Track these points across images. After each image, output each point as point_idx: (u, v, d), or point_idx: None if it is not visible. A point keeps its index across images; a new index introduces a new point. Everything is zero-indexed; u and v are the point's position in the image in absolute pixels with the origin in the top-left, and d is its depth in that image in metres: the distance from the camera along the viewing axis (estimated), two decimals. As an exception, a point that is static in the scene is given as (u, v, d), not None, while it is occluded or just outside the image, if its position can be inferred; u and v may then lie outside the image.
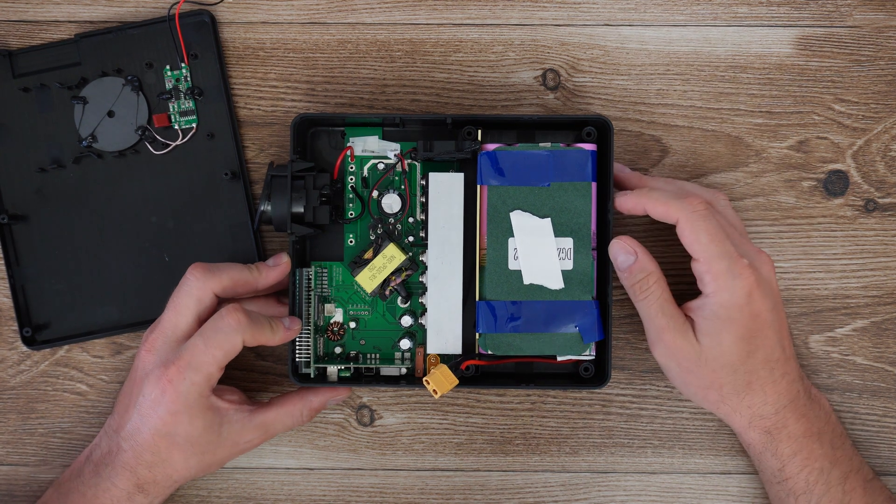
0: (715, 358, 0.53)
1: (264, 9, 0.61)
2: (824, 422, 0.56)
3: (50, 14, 0.61)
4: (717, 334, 0.53)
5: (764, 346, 0.53)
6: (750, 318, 0.53)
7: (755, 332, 0.53)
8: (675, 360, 0.54)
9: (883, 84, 0.61)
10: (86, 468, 0.54)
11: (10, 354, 0.61)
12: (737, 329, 0.52)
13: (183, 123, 0.60)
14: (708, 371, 0.53)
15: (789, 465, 0.55)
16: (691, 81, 0.61)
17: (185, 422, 0.52)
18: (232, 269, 0.55)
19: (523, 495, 0.61)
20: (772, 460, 0.55)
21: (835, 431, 0.56)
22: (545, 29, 0.61)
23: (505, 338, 0.54)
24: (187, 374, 0.52)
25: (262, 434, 0.56)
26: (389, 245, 0.57)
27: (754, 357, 0.53)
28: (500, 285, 0.54)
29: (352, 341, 0.59)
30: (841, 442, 0.56)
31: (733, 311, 0.52)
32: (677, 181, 0.57)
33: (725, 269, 0.52)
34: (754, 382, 0.54)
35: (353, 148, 0.58)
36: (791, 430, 0.54)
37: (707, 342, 0.53)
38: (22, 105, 0.60)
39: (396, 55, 0.61)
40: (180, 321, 0.54)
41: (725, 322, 0.52)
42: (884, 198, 0.61)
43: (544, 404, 0.61)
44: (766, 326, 0.53)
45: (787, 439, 0.55)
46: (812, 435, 0.55)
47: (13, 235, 0.60)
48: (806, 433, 0.55)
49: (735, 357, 0.53)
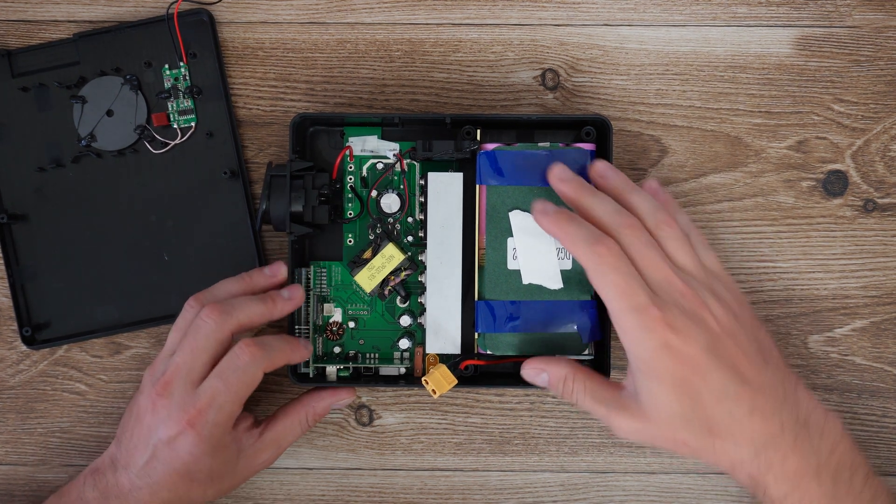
0: (661, 415, 0.49)
1: (263, 8, 0.61)
2: (827, 454, 0.50)
3: (49, 13, 0.61)
4: (648, 391, 0.49)
5: (708, 387, 0.48)
6: (677, 364, 0.48)
7: (688, 376, 0.48)
8: (636, 436, 0.50)
9: (882, 84, 0.61)
10: (87, 494, 0.54)
11: (10, 354, 0.61)
12: (664, 379, 0.48)
13: (182, 122, 0.60)
14: (665, 429, 0.49)
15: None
16: (690, 81, 0.61)
17: (205, 460, 0.52)
18: (247, 306, 0.54)
19: (522, 495, 0.61)
20: (765, 502, 0.51)
21: (841, 464, 0.50)
22: (544, 29, 0.61)
23: (504, 338, 0.54)
24: (209, 415, 0.52)
25: (276, 450, 0.56)
26: (388, 245, 0.57)
27: (701, 402, 0.48)
28: (499, 285, 0.54)
29: (351, 341, 0.59)
30: (849, 475, 0.50)
31: (652, 363, 0.48)
32: (631, 191, 0.53)
33: (634, 324, 0.48)
34: (715, 427, 0.49)
35: (352, 147, 0.58)
36: (778, 471, 0.49)
37: (645, 401, 0.49)
38: (21, 104, 0.60)
39: (396, 55, 0.61)
40: (196, 364, 0.53)
41: (649, 376, 0.49)
42: (883, 198, 0.61)
43: (543, 404, 0.61)
44: (702, 367, 0.48)
45: (775, 481, 0.49)
46: (807, 473, 0.49)
47: (13, 235, 0.60)
48: (798, 472, 0.49)
49: (679, 407, 0.49)
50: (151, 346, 0.61)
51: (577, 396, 0.52)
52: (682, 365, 0.48)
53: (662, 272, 0.49)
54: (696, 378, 0.48)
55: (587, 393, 0.52)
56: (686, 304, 0.49)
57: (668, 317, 0.48)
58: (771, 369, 0.50)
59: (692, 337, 0.48)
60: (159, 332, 0.61)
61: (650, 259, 0.50)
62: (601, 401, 0.51)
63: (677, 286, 0.49)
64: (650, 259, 0.50)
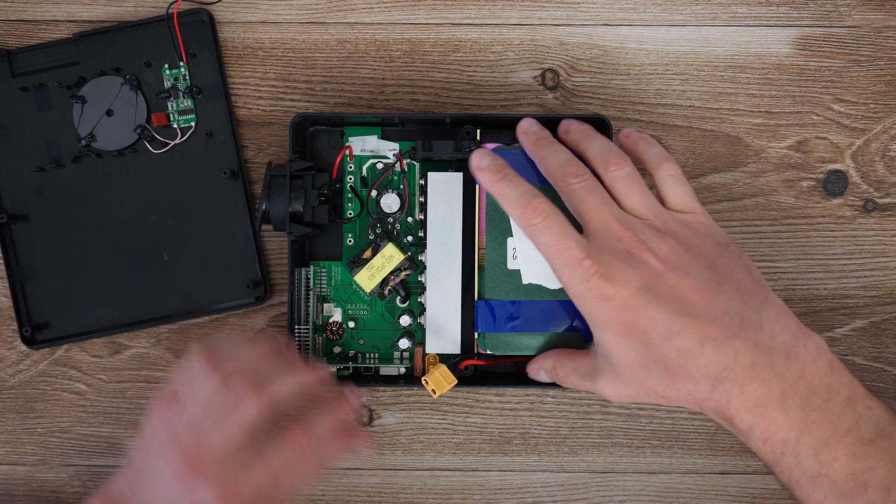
0: (624, 367, 0.48)
1: (263, 8, 0.61)
2: (794, 379, 0.46)
3: (48, 13, 0.61)
4: (606, 347, 0.48)
5: (653, 327, 0.46)
6: (618, 312, 0.47)
7: (631, 320, 0.47)
8: (621, 398, 0.49)
9: (882, 84, 0.61)
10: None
11: (10, 354, 0.61)
12: (612, 329, 0.47)
13: (182, 122, 0.60)
14: (634, 382, 0.48)
15: (752, 441, 0.47)
16: (690, 81, 0.61)
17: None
18: (287, 383, 0.50)
19: (522, 495, 0.61)
20: (740, 437, 0.48)
21: (813, 388, 0.46)
22: (544, 29, 0.61)
23: (504, 337, 0.54)
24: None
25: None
26: (388, 244, 0.57)
27: (651, 343, 0.46)
28: (499, 285, 0.54)
29: (351, 341, 0.59)
30: (824, 400, 0.46)
31: (597, 315, 0.47)
32: (587, 138, 0.52)
33: (572, 280, 0.47)
34: (670, 366, 0.46)
35: (351, 147, 0.58)
36: (739, 401, 0.46)
37: (612, 358, 0.48)
38: (21, 104, 0.60)
39: (395, 55, 0.61)
40: (231, 440, 0.48)
41: (600, 330, 0.48)
42: (883, 198, 0.61)
43: (543, 404, 0.61)
44: (641, 308, 0.46)
45: (738, 413, 0.46)
46: (770, 401, 0.46)
47: (12, 235, 0.60)
48: (760, 401, 0.46)
49: (634, 354, 0.47)
50: (151, 345, 0.61)
51: (569, 380, 0.52)
52: (623, 311, 0.46)
53: (600, 217, 0.48)
54: (639, 321, 0.46)
55: (574, 373, 0.51)
56: (623, 247, 0.47)
57: (602, 266, 0.47)
58: (725, 296, 0.47)
59: (626, 280, 0.46)
60: (159, 332, 0.61)
61: (590, 205, 0.49)
62: (585, 375, 0.51)
63: (614, 231, 0.48)
64: (590, 205, 0.49)
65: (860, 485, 0.45)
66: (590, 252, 0.47)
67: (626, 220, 0.48)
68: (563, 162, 0.50)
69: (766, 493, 0.61)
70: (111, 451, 0.61)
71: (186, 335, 0.61)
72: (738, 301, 0.47)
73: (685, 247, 0.48)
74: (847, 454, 0.45)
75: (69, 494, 0.61)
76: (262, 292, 0.60)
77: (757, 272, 0.49)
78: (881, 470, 0.45)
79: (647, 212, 0.50)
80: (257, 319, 0.61)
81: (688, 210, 0.51)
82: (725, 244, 0.50)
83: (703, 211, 0.51)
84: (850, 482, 0.45)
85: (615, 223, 0.48)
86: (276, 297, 0.61)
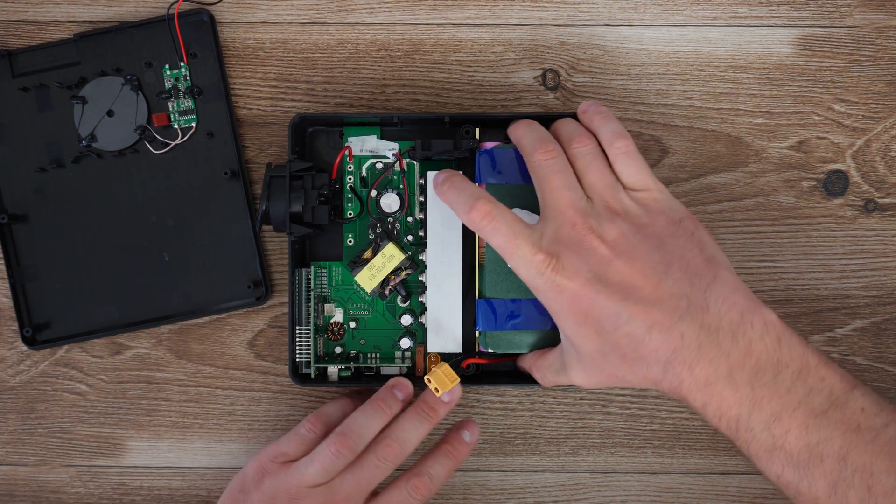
0: (585, 356, 0.49)
1: (264, 8, 0.61)
2: (741, 356, 0.46)
3: (49, 14, 0.61)
4: (567, 338, 0.49)
5: (604, 315, 0.47)
6: (572, 303, 0.48)
7: (584, 310, 0.47)
8: (591, 384, 0.50)
9: (883, 84, 0.61)
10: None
11: (10, 354, 0.61)
12: (569, 320, 0.48)
13: (182, 123, 0.60)
14: (597, 369, 0.49)
15: (709, 419, 0.47)
16: (691, 81, 0.61)
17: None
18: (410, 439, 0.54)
19: (523, 495, 0.61)
20: (698, 415, 0.49)
21: (761, 364, 0.46)
22: (545, 29, 0.61)
23: (505, 335, 0.54)
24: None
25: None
26: (388, 244, 0.57)
27: (605, 332, 0.47)
28: (500, 283, 0.54)
29: (352, 341, 0.59)
30: (773, 375, 0.46)
31: (554, 307, 0.48)
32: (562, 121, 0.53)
33: (528, 276, 0.49)
34: (625, 353, 0.47)
35: (351, 147, 0.58)
36: (690, 382, 0.46)
37: (572, 347, 0.49)
38: (21, 105, 0.60)
39: (396, 55, 0.61)
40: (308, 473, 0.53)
41: (560, 322, 0.49)
42: (884, 198, 0.61)
43: (544, 404, 0.61)
44: (592, 298, 0.47)
45: (690, 393, 0.47)
46: (719, 380, 0.46)
47: (13, 235, 0.60)
48: (708, 380, 0.46)
49: (591, 343, 0.48)
50: (152, 346, 0.61)
51: (547, 378, 0.53)
52: (577, 301, 0.47)
53: (558, 201, 0.49)
54: (592, 310, 0.47)
55: (549, 371, 0.52)
56: (574, 235, 0.48)
57: (553, 258, 0.48)
58: (673, 279, 0.47)
59: (576, 271, 0.47)
60: (160, 332, 0.61)
61: (552, 186, 0.50)
62: (558, 370, 0.52)
63: (568, 217, 0.49)
64: (552, 186, 0.50)
65: (815, 456, 0.45)
66: (540, 246, 0.48)
67: (581, 206, 0.49)
68: (535, 138, 0.51)
69: (767, 493, 0.61)
70: (112, 452, 0.61)
71: (187, 335, 0.61)
72: (685, 283, 0.47)
73: (636, 227, 0.49)
74: (800, 426, 0.45)
75: (70, 495, 0.61)
76: (262, 292, 0.60)
77: (712, 247, 0.49)
78: (836, 440, 0.45)
79: (604, 190, 0.50)
80: (258, 320, 0.61)
81: (641, 187, 0.51)
82: (679, 220, 0.50)
83: (659, 186, 0.51)
84: (806, 454, 0.45)
85: (570, 209, 0.49)
86: (276, 297, 0.61)
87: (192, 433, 0.61)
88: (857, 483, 0.44)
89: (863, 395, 0.46)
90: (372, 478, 0.52)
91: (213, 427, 0.61)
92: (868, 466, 0.44)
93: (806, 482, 0.45)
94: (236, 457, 0.61)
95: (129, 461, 0.61)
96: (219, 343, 0.61)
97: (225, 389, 0.61)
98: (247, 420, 0.61)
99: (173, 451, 0.61)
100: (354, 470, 0.52)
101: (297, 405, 0.61)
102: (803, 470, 0.45)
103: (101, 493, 0.61)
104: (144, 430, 0.61)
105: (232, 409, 0.61)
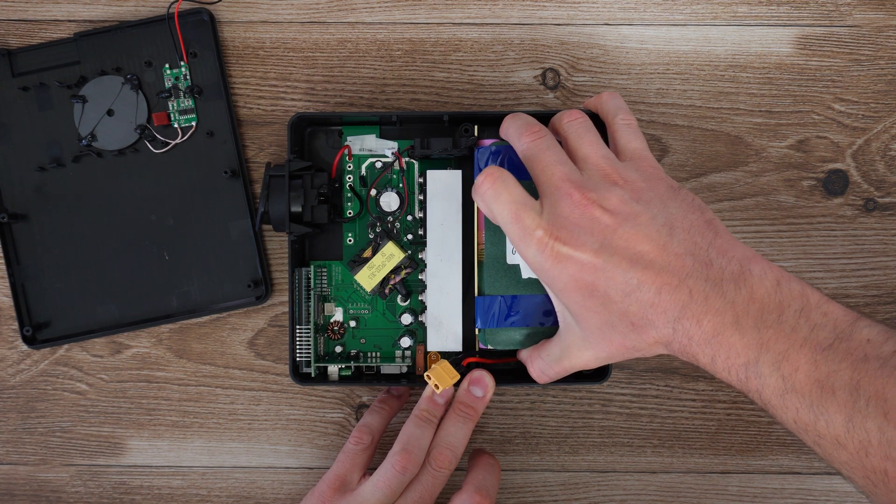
0: (591, 331, 0.48)
1: (264, 8, 0.61)
2: (745, 302, 0.46)
3: (49, 13, 0.61)
4: (571, 314, 0.49)
5: (613, 285, 0.47)
6: (576, 277, 0.47)
7: (591, 282, 0.47)
8: (596, 362, 0.50)
9: (883, 83, 0.61)
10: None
11: (10, 353, 0.61)
12: (573, 295, 0.48)
13: (182, 122, 0.60)
14: (604, 342, 0.49)
15: (719, 373, 0.47)
16: (691, 81, 0.61)
17: None
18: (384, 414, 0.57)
19: (523, 495, 0.61)
20: (710, 372, 0.48)
21: (765, 307, 0.46)
22: (545, 28, 0.61)
23: (504, 332, 0.54)
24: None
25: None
26: (388, 243, 0.57)
27: (613, 302, 0.47)
28: (499, 280, 0.54)
29: (352, 340, 0.59)
30: (777, 315, 0.46)
31: (556, 283, 0.48)
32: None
33: (528, 251, 0.48)
34: (635, 320, 0.47)
35: (350, 147, 0.58)
36: (698, 336, 0.46)
37: (579, 325, 0.49)
38: (21, 104, 0.60)
39: (396, 54, 0.61)
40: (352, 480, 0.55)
41: (562, 298, 0.49)
42: (883, 197, 0.61)
43: (544, 403, 0.61)
44: (599, 269, 0.47)
45: (699, 347, 0.46)
46: (725, 328, 0.46)
47: (13, 234, 0.60)
48: (716, 329, 0.46)
49: (598, 316, 0.48)
50: (152, 345, 0.61)
51: (547, 372, 0.52)
52: (582, 274, 0.47)
53: (553, 177, 0.49)
54: (599, 282, 0.47)
55: (547, 361, 0.52)
56: (574, 208, 0.48)
57: (555, 230, 0.47)
58: (677, 239, 0.47)
59: (581, 242, 0.47)
60: (160, 331, 0.61)
61: (543, 164, 0.49)
62: (557, 358, 0.51)
63: (564, 190, 0.48)
64: (543, 164, 0.49)
65: (827, 390, 0.44)
66: (540, 221, 0.48)
67: (577, 178, 0.49)
68: (520, 125, 0.51)
69: (767, 493, 0.61)
70: (112, 451, 0.61)
71: (187, 334, 0.61)
72: (689, 243, 0.47)
73: (636, 193, 0.48)
74: (808, 362, 0.45)
75: (70, 494, 0.61)
76: (262, 292, 0.60)
77: (709, 212, 0.49)
78: (845, 371, 0.44)
79: (600, 160, 0.50)
80: (258, 319, 0.61)
81: (639, 157, 0.51)
82: (677, 188, 0.50)
83: (654, 160, 0.51)
84: (818, 389, 0.44)
85: (565, 182, 0.48)
86: (276, 296, 0.61)
87: (192, 432, 0.61)
88: (872, 412, 0.43)
89: (867, 325, 0.45)
90: (433, 489, 0.53)
91: (213, 426, 0.61)
92: (881, 392, 0.43)
93: (823, 420, 0.44)
94: (236, 456, 0.61)
95: (129, 460, 0.61)
96: (219, 342, 0.61)
97: (225, 389, 0.61)
98: (247, 419, 0.61)
99: (173, 450, 0.61)
100: (415, 486, 0.53)
101: (297, 404, 0.61)
102: (817, 408, 0.44)
103: (101, 493, 0.61)
104: (144, 430, 0.61)
105: (232, 408, 0.61)
